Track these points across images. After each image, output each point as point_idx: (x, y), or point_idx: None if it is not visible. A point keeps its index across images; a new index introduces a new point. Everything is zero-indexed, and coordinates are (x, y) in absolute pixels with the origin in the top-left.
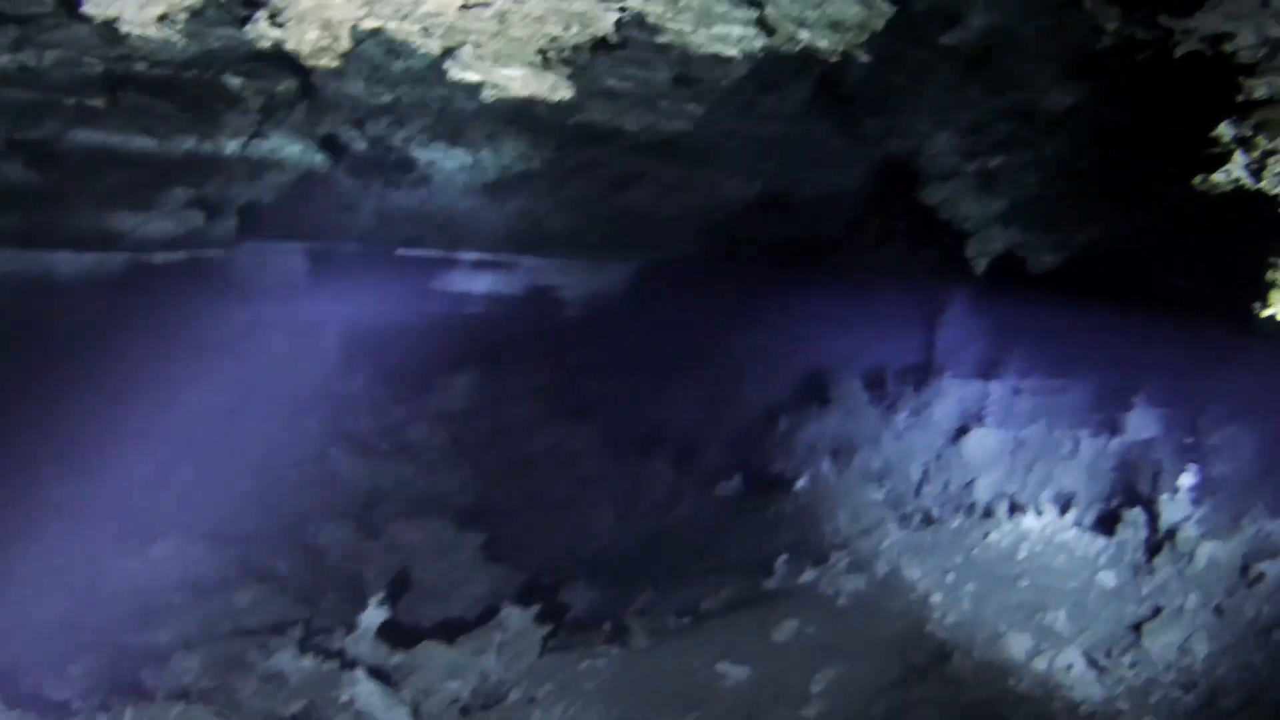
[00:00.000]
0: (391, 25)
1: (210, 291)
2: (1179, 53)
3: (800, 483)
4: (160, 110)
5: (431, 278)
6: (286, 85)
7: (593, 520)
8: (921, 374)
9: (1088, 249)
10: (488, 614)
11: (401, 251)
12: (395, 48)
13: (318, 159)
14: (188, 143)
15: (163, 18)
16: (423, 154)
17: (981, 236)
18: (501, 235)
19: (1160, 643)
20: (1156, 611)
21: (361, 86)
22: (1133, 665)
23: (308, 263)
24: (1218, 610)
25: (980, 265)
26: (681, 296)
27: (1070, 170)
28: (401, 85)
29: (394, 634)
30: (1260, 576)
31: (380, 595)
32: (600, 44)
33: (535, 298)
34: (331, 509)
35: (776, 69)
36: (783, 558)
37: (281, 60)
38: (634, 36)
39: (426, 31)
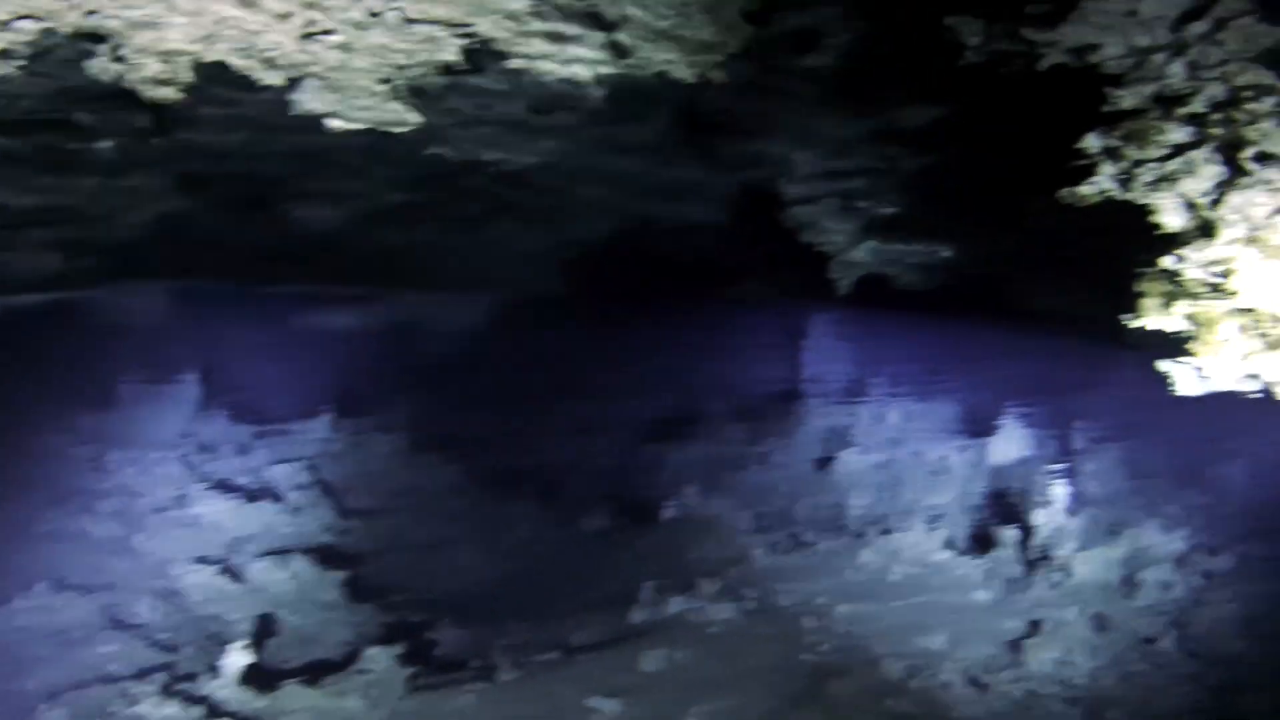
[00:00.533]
0: (233, 58)
1: (71, 334)
2: (1044, 65)
3: (666, 512)
4: (13, 150)
5: (294, 314)
6: (139, 123)
7: (457, 557)
8: (788, 398)
9: (955, 267)
10: (353, 655)
11: (264, 288)
12: (240, 81)
13: (176, 197)
14: (43, 183)
15: (2, 54)
16: (280, 188)
17: (844, 258)
18: (362, 270)
19: (1040, 658)
20: (1035, 627)
21: (214, 121)
22: (1014, 682)
23: (170, 301)
24: (1098, 622)
25: (844, 287)
26: (545, 329)
27: (935, 188)
28: (253, 119)
29: (258, 678)
30: (1139, 587)
31: (244, 639)
32: (448, 71)
33: (397, 333)
34: (193, 552)
35: (633, 96)
36: (650, 588)
37: (129, 97)
38: (483, 64)
39: (269, 63)
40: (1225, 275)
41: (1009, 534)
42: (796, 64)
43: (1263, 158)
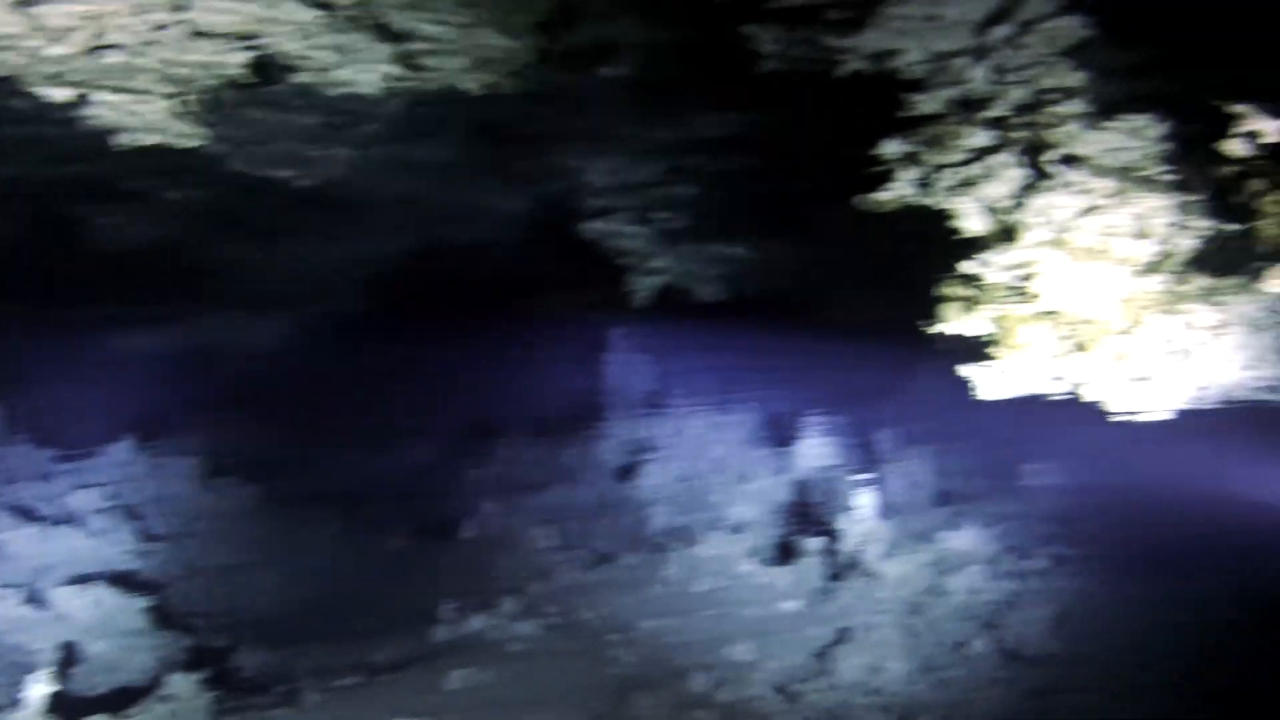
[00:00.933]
0: (20, 74)
1: None
2: (843, 72)
3: (467, 529)
4: None
5: (95, 337)
6: None
7: (260, 580)
8: (589, 412)
9: (755, 277)
10: (157, 682)
11: (63, 311)
12: (28, 97)
13: None
14: None
15: None
16: (76, 208)
17: (642, 270)
18: (161, 290)
19: (850, 666)
20: (844, 635)
21: (4, 140)
22: (824, 691)
23: None
24: (908, 629)
25: (642, 298)
26: (344, 348)
27: (734, 198)
28: (45, 137)
29: (62, 708)
30: (949, 591)
31: (48, 668)
32: (236, 86)
33: (198, 354)
34: None
35: (427, 109)
36: (451, 606)
37: None
38: (272, 77)
39: (56, 79)
40: (1028, 278)
41: (816, 542)
42: (593, 74)
43: (1067, 160)
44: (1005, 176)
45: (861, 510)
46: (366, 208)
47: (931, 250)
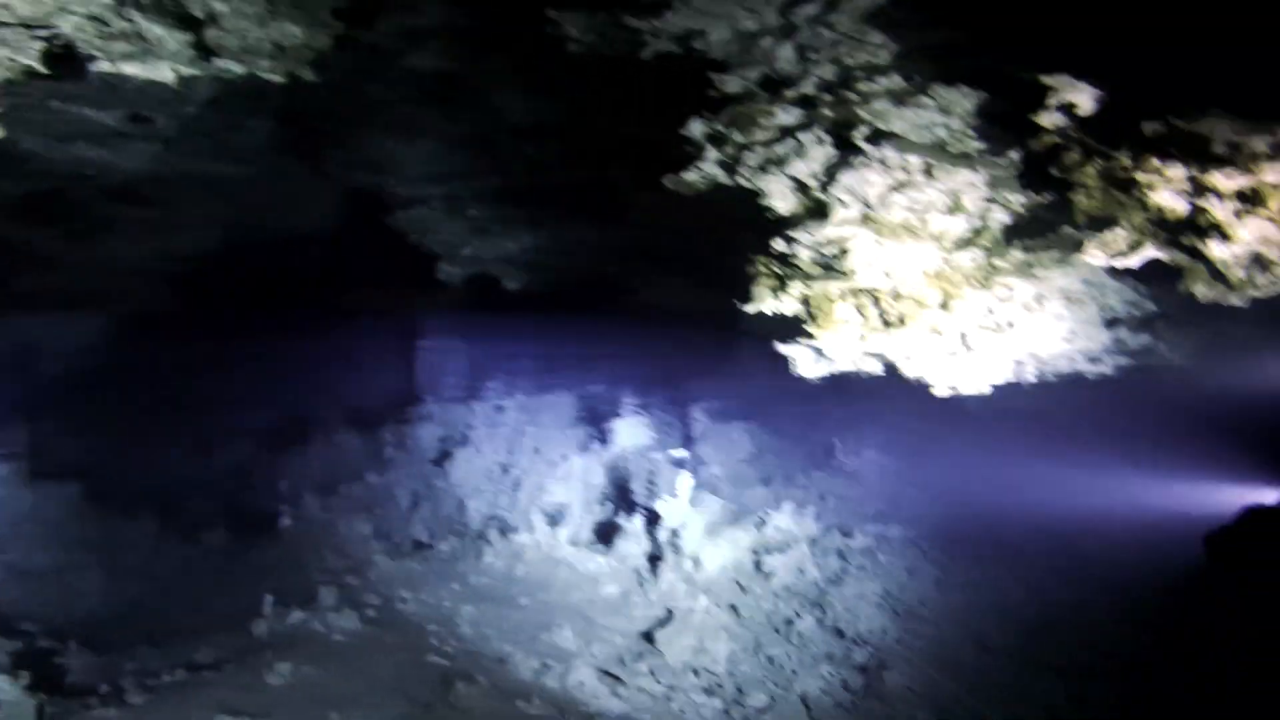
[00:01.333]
0: None
1: None
2: (648, 54)
3: (284, 522)
4: None
5: None
6: None
7: (82, 582)
8: (404, 402)
9: (566, 263)
10: None
11: None
12: None
13: None
14: None
15: None
16: None
17: (452, 258)
18: None
19: (675, 648)
20: (667, 617)
21: None
22: (649, 675)
23: None
24: (732, 609)
25: (454, 287)
26: (158, 345)
27: (544, 184)
28: None
29: None
30: (773, 571)
31: None
32: (35, 76)
33: (10, 353)
34: None
35: (231, 101)
36: (270, 600)
37: None
38: (69, 68)
39: None
40: (840, 255)
41: (635, 526)
42: (398, 63)
43: (876, 136)
44: (814, 155)
45: (680, 492)
46: (176, 202)
47: (742, 230)
